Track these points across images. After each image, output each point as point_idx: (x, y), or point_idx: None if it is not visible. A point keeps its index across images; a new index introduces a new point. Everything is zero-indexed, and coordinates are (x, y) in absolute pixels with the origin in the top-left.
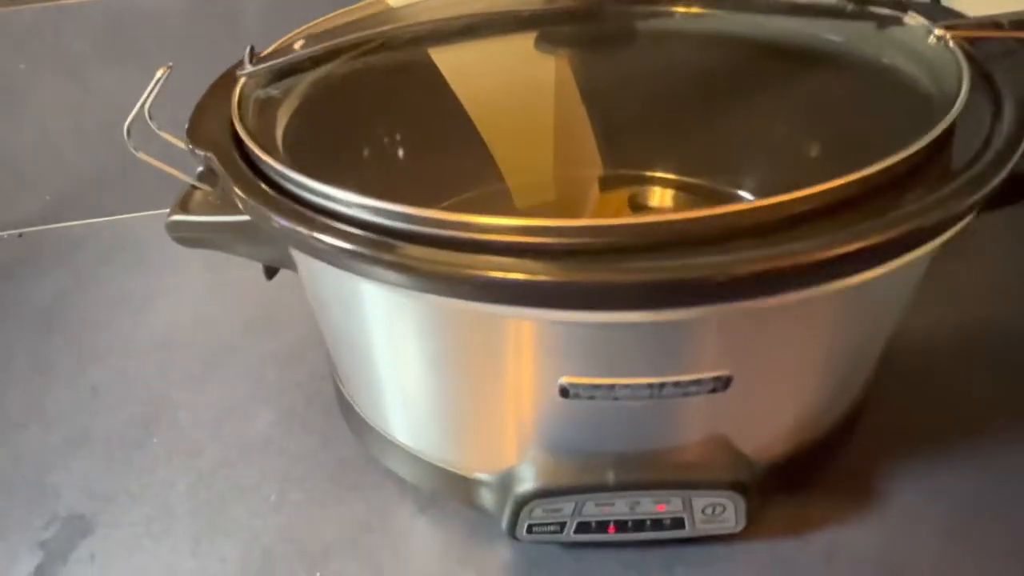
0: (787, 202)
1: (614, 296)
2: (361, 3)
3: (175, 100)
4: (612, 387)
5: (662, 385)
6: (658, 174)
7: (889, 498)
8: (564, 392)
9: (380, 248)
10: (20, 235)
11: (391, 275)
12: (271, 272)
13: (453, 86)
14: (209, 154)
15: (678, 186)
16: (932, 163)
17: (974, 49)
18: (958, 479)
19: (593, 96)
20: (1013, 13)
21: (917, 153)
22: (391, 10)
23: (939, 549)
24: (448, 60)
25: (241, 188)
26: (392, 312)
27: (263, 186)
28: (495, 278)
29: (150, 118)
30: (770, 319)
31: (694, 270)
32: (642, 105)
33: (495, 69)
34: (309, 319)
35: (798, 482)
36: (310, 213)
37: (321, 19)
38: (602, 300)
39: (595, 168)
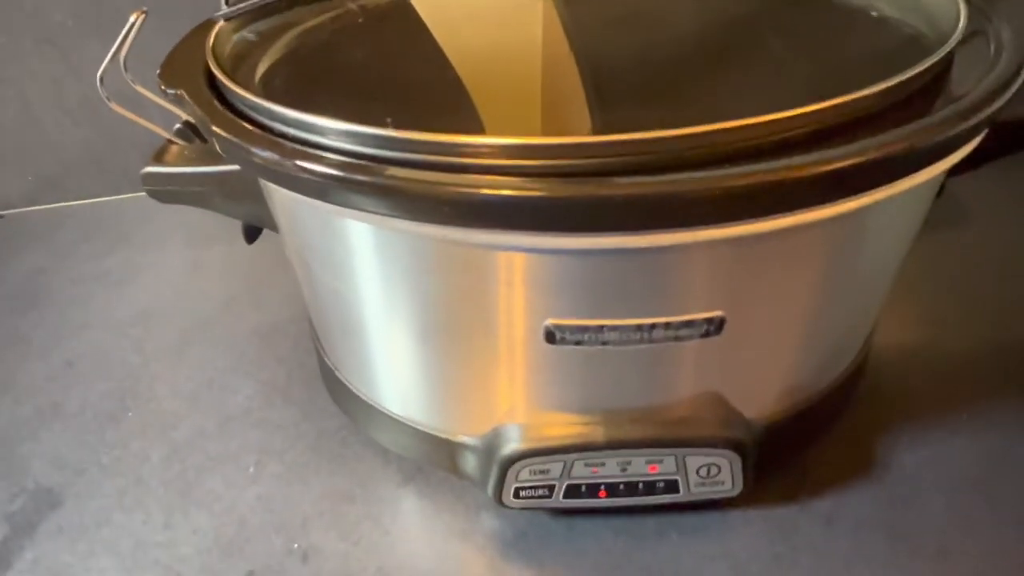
0: (780, 120)
1: (601, 213)
2: None
3: (156, 65)
4: (600, 329)
5: (652, 327)
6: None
7: (889, 463)
8: (550, 336)
9: (361, 171)
10: (1, 217)
11: (374, 200)
12: (251, 234)
13: (435, 31)
14: (180, 91)
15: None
16: (929, 92)
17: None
18: (958, 445)
19: (582, 44)
20: None
21: (913, 79)
22: None
23: (940, 513)
24: (431, 3)
25: (214, 121)
26: (377, 251)
27: (237, 120)
28: (479, 195)
29: (125, 70)
30: (762, 255)
31: (683, 184)
32: (633, 55)
33: (481, 14)
34: (292, 295)
35: (796, 446)
36: (287, 143)
37: None
38: (589, 218)
39: (583, 112)
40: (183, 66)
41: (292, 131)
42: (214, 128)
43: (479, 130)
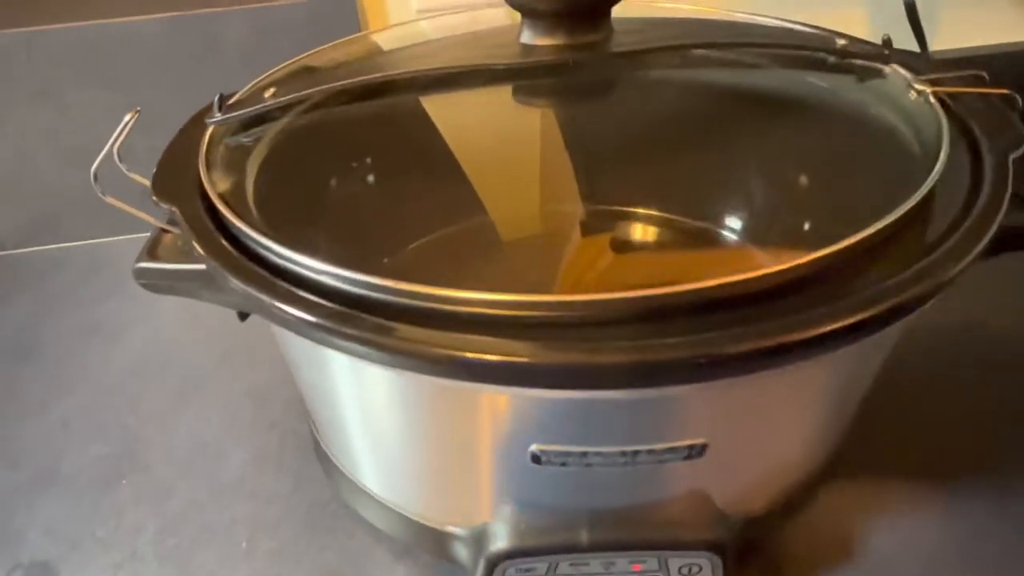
0: (763, 277)
1: (591, 376)
2: (341, 40)
3: (153, 125)
4: (584, 454)
5: (635, 452)
6: (640, 212)
7: (867, 545)
8: (535, 459)
9: (345, 322)
10: None
11: (357, 349)
12: (244, 316)
13: (429, 133)
14: (173, 208)
15: (659, 223)
16: (910, 230)
17: (956, 103)
18: (936, 527)
19: (575, 145)
20: (994, 46)
21: (893, 223)
22: (367, 56)
23: None
24: (425, 109)
25: (204, 248)
26: (361, 379)
27: (227, 245)
28: (466, 359)
29: (119, 160)
30: (746, 389)
31: (678, 350)
32: (623, 153)
33: (475, 118)
34: None
35: (777, 532)
36: (274, 279)
37: (296, 59)
38: (579, 380)
39: (575, 218)
40: (175, 176)
41: (282, 263)
42: (201, 253)
43: (477, 237)
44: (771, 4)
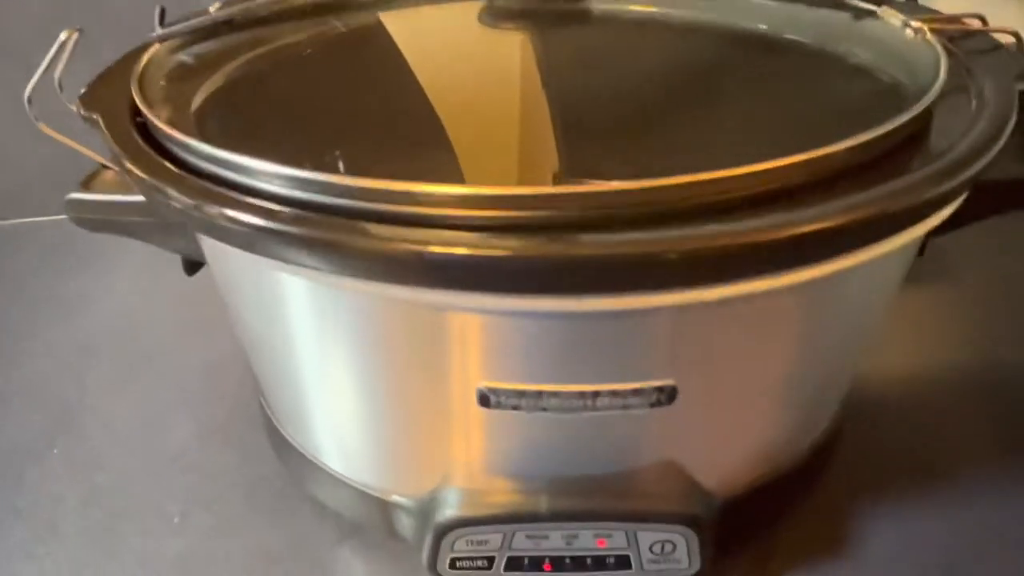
0: (744, 175)
1: (567, 274)
2: None
3: None
4: (538, 395)
5: (596, 394)
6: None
7: (864, 540)
8: (484, 400)
9: (303, 224)
10: None
11: (308, 256)
12: (192, 267)
13: (389, 55)
14: (95, 116)
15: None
16: (907, 150)
17: (955, 42)
18: (937, 520)
19: (556, 85)
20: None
21: (889, 135)
22: None
23: None
24: (385, 31)
25: (127, 155)
26: (308, 303)
27: (154, 155)
28: (438, 255)
29: (60, 90)
30: (718, 321)
31: (653, 244)
32: (604, 95)
33: (444, 42)
34: None
35: (763, 521)
36: (209, 185)
37: None
38: (554, 279)
39: (551, 160)
40: (109, 90)
41: (219, 171)
42: (125, 164)
43: (438, 171)
44: None
